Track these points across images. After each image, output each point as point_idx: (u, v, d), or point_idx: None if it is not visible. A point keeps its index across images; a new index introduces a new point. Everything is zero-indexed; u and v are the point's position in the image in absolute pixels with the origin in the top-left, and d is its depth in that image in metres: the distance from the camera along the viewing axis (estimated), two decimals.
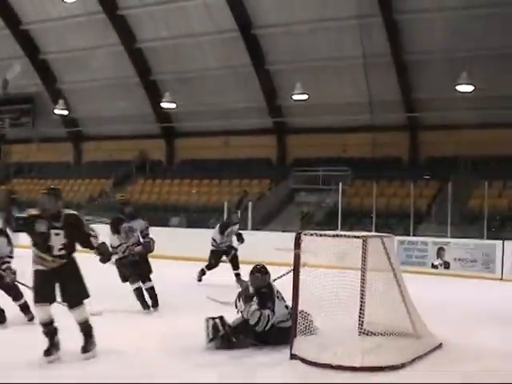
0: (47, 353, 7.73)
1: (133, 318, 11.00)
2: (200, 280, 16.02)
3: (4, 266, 10.26)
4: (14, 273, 10.31)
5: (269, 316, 8.68)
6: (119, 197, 13.98)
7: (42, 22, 31.49)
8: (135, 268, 11.60)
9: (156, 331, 9.75)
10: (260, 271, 9.20)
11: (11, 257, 10.43)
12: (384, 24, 25.19)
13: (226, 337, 8.67)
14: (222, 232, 16.03)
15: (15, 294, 10.41)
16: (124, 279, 11.72)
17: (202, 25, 28.11)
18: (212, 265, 16.10)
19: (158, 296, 11.74)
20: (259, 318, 8.63)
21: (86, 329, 8.04)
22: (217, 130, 30.79)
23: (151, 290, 11.69)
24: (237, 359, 8.18)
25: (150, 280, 11.71)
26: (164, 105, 29.86)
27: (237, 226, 16.55)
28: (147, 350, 8.50)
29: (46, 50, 32.99)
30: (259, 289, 9.03)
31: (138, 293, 11.53)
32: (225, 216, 24.13)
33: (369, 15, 25.08)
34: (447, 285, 17.52)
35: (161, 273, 12.00)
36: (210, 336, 8.69)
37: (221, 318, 8.81)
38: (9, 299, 10.35)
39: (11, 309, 10.20)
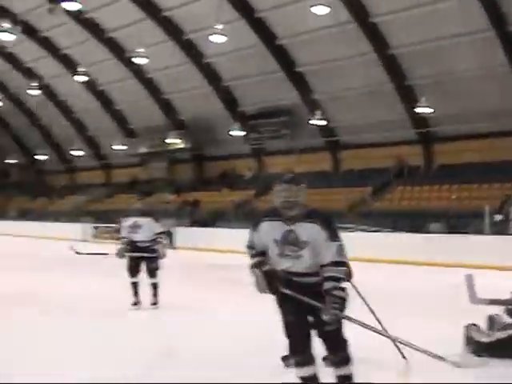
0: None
1: None
2: None
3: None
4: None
5: None
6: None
7: (295, 36, 32.45)
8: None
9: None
10: None
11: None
12: None
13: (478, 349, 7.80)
14: None
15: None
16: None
17: (456, 26, 27.32)
18: None
19: None
20: None
21: None
22: (479, 132, 29.69)
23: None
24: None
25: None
26: (419, 110, 29.47)
27: None
28: None
29: (301, 62, 33.88)
30: None
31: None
32: (486, 221, 23.35)
33: None
34: None
35: (424, 279, 11.28)
36: (465, 342, 8.06)
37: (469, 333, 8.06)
38: None
39: None
